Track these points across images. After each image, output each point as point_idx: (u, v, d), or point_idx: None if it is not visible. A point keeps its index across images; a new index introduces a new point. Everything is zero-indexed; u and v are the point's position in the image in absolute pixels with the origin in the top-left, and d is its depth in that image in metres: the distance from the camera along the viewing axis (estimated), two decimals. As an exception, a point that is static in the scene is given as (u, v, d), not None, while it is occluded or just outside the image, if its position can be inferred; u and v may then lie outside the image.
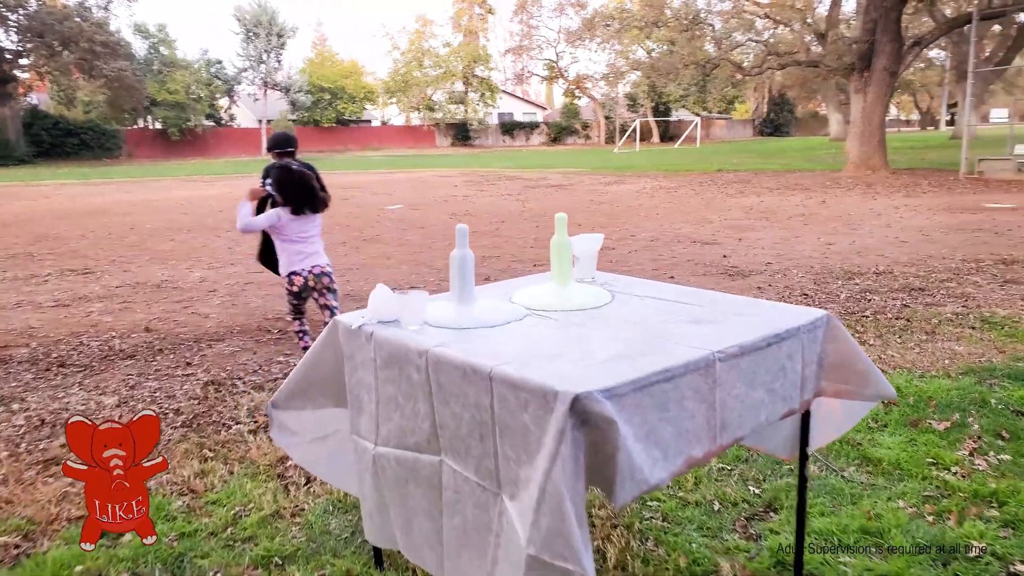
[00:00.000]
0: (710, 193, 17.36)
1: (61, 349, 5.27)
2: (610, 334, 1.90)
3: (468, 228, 2.20)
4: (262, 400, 4.04)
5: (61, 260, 9.48)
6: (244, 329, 5.76)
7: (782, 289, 6.53)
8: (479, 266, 8.24)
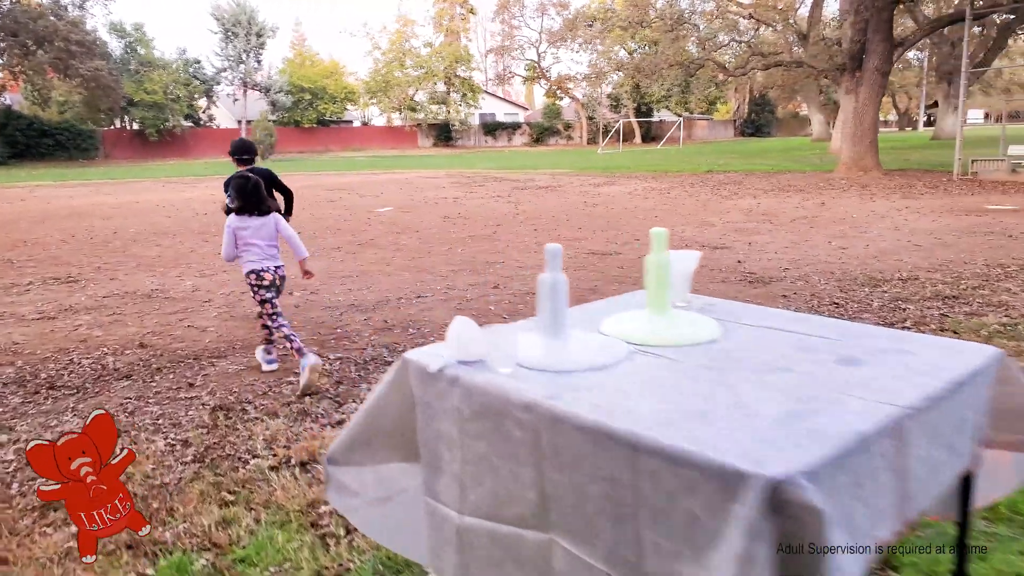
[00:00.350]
0: (704, 194, 17.14)
1: (50, 368, 4.86)
2: (755, 381, 1.58)
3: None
4: (278, 429, 3.68)
5: (43, 267, 9.01)
6: (246, 344, 5.38)
7: (808, 297, 6.27)
8: (483, 272, 7.91)
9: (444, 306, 6.41)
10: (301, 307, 6.54)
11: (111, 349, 5.31)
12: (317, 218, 14.04)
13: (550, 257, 1.82)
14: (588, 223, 12.34)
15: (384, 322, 5.89)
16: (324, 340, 5.42)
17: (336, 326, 5.83)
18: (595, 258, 8.73)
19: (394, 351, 5.06)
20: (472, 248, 9.84)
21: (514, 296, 6.75)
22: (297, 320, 6.06)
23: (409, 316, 6.08)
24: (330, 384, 4.41)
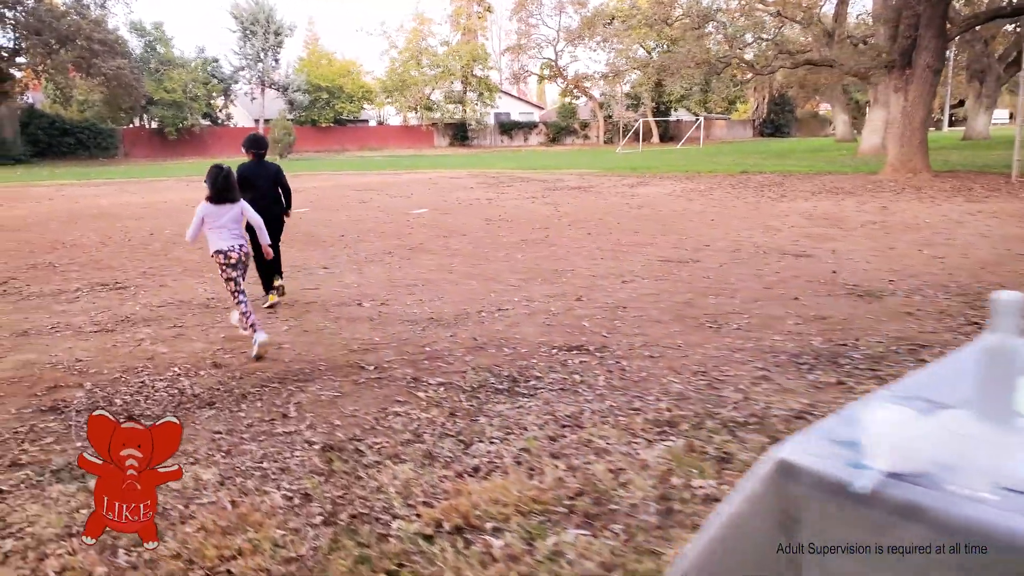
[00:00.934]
0: (749, 196, 16.56)
1: (122, 392, 4.37)
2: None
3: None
4: (408, 477, 3.16)
5: (86, 272, 8.55)
6: (331, 364, 4.88)
7: (938, 315, 5.71)
8: (556, 281, 7.38)
9: (530, 321, 5.89)
10: (377, 320, 6.03)
11: (183, 369, 4.81)
12: (355, 220, 13.56)
13: (1003, 313, 1.25)
14: (642, 227, 11.79)
15: (473, 340, 5.38)
16: (415, 360, 4.91)
17: (422, 344, 5.32)
18: (672, 267, 8.19)
19: (499, 376, 4.55)
20: (530, 254, 9.32)
21: (603, 310, 6.23)
22: (377, 335, 5.55)
23: (497, 333, 5.57)
24: (444, 417, 3.89)
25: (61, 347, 5.39)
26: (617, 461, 3.26)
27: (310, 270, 8.55)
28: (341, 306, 6.58)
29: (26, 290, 7.58)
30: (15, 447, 3.62)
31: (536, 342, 5.28)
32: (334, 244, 10.60)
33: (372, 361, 4.92)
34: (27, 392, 4.42)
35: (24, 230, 12.83)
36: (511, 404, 4.05)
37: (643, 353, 4.96)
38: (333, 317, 6.16)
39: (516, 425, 3.74)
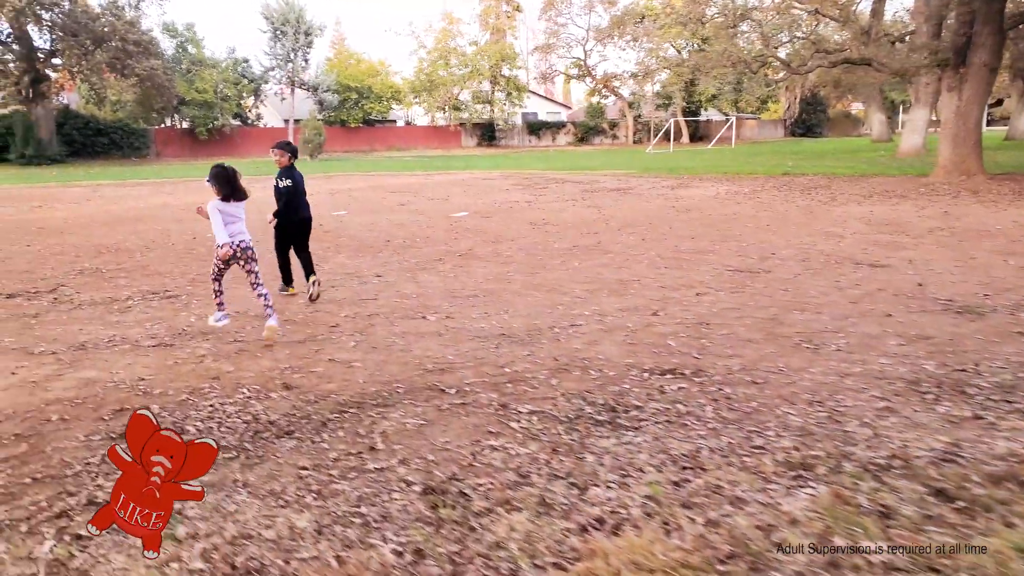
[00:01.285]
0: (798, 200, 16.06)
1: (193, 417, 4.09)
2: None
3: None
4: (528, 530, 2.83)
5: (135, 279, 8.34)
6: (409, 387, 4.56)
7: (1055, 335, 5.27)
8: (624, 293, 7.01)
9: (609, 339, 5.53)
10: (446, 335, 5.71)
11: (253, 391, 4.52)
12: (397, 224, 13.28)
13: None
14: (696, 232, 11.38)
15: (554, 360, 5.03)
16: (497, 383, 4.58)
17: (500, 363, 4.98)
18: (743, 278, 7.79)
19: (595, 404, 4.20)
20: (587, 262, 8.97)
21: (683, 326, 5.85)
22: (450, 352, 5.23)
23: (576, 352, 5.22)
24: (546, 454, 3.55)
25: (121, 363, 5.14)
26: (759, 513, 2.90)
27: (364, 278, 8.26)
28: (405, 319, 6.27)
29: (77, 298, 7.37)
30: (89, 482, 3.34)
31: (623, 364, 4.92)
32: (382, 250, 10.32)
33: (451, 383, 4.60)
34: (93, 415, 4.16)
35: (67, 233, 12.71)
36: (616, 439, 3.70)
37: (745, 378, 4.58)
38: (399, 332, 5.85)
39: (629, 465, 3.39)
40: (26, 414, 4.19)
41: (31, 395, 4.50)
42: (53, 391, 4.58)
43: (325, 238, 11.64)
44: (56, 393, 4.53)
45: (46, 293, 7.64)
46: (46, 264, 9.45)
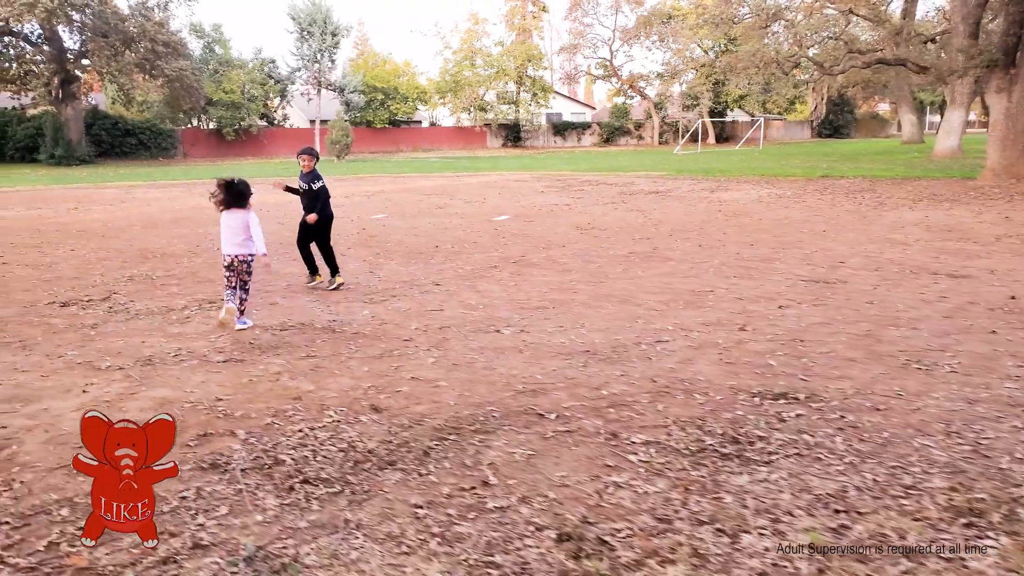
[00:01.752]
0: (845, 204, 15.65)
1: (284, 445, 3.83)
2: None
3: None
4: (694, 587, 2.53)
5: (187, 286, 8.14)
6: (503, 410, 4.28)
7: None
8: (703, 305, 6.70)
9: (703, 357, 5.23)
10: (526, 351, 5.43)
11: (340, 414, 4.26)
12: (441, 228, 13.03)
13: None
14: (754, 238, 11.04)
15: (652, 382, 4.74)
16: (598, 407, 4.29)
17: (594, 385, 4.70)
18: (820, 289, 7.45)
19: (713, 433, 3.91)
20: (651, 270, 8.66)
21: (777, 343, 5.53)
22: (537, 371, 4.95)
23: (672, 373, 4.92)
24: (677, 492, 3.26)
25: (193, 381, 4.90)
26: (945, 572, 2.59)
27: (422, 286, 8.01)
28: (478, 333, 6.00)
29: (132, 307, 7.17)
30: (190, 520, 3.09)
31: (726, 386, 4.62)
32: (433, 256, 10.07)
33: (548, 407, 4.32)
34: (176, 441, 3.90)
35: (109, 236, 12.58)
36: (750, 476, 3.39)
37: (863, 404, 4.26)
38: (477, 347, 5.58)
39: (775, 508, 3.09)
40: (106, 438, 3.95)
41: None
42: (128, 412, 4.35)
43: (371, 243, 11.42)
44: (132, 415, 4.30)
45: (99, 301, 7.46)
46: (94, 270, 9.29)
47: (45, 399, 4.56)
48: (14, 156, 39.45)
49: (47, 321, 6.63)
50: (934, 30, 37.97)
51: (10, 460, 3.69)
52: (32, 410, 4.36)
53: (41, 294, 7.85)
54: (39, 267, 9.55)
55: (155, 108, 44.88)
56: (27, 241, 12.03)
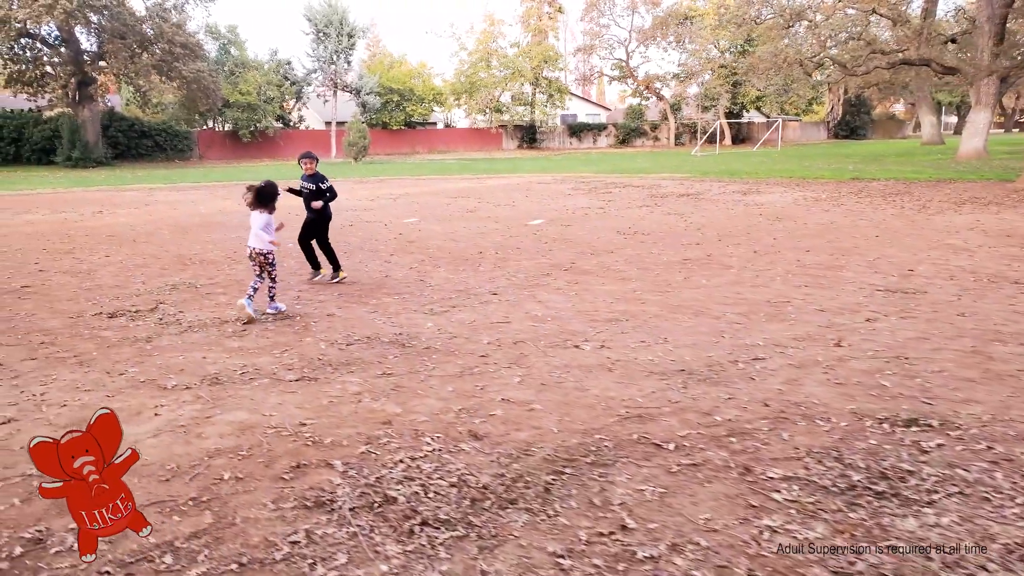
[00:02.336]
0: (887, 207, 15.26)
1: (388, 479, 3.52)
2: None
3: None
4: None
5: (233, 295, 7.85)
6: (614, 439, 3.95)
7: None
8: (783, 317, 6.36)
9: (808, 376, 4.89)
10: (616, 370, 5.10)
11: (438, 441, 3.94)
12: (479, 233, 12.71)
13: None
14: (809, 244, 10.68)
15: (764, 406, 4.40)
16: (716, 436, 3.96)
17: (703, 409, 4.36)
18: (900, 299, 7.09)
19: (855, 467, 3.56)
20: (715, 278, 8.32)
21: (881, 361, 5.19)
22: (637, 393, 4.62)
23: (782, 395, 4.58)
24: (844, 540, 2.92)
25: (270, 402, 4.59)
26: None
27: (479, 295, 7.69)
28: (556, 348, 5.68)
29: (183, 318, 6.88)
30: (308, 570, 2.77)
31: (846, 411, 4.28)
32: (479, 262, 9.76)
33: (661, 435, 3.99)
34: (268, 473, 3.60)
35: (139, 241, 12.33)
36: (917, 519, 3.05)
37: (1008, 433, 3.92)
38: (560, 365, 5.25)
39: (964, 562, 2.75)
40: (192, 470, 3.65)
41: (187, 444, 3.97)
42: (209, 438, 4.04)
43: (412, 248, 11.12)
44: (214, 441, 4.00)
45: (148, 312, 7.17)
46: (133, 278, 9.02)
47: (116, 423, 4.25)
48: (30, 158, 39.40)
49: (98, 334, 6.35)
50: (951, 30, 37.50)
51: (94, 495, 3.38)
52: (105, 436, 4.05)
53: (85, 304, 7.57)
54: (77, 274, 9.28)
55: (170, 110, 44.78)
56: (59, 247, 11.78)
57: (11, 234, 13.36)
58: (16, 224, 14.92)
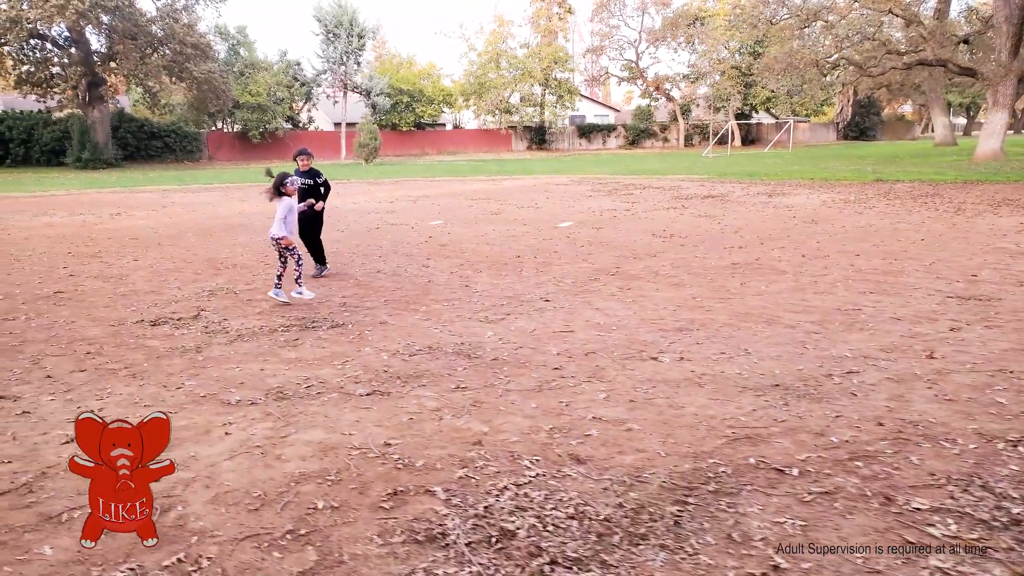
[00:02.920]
0: (921, 210, 14.95)
1: (495, 507, 3.22)
2: None
3: None
4: None
5: (276, 303, 7.55)
6: (729, 463, 3.66)
7: None
8: (864, 327, 6.06)
9: (914, 393, 4.59)
10: (705, 385, 4.81)
11: (537, 465, 3.66)
12: (511, 236, 12.43)
13: None
14: (856, 248, 10.38)
15: (879, 425, 4.11)
16: (839, 460, 3.66)
17: (814, 429, 4.06)
18: (976, 306, 6.80)
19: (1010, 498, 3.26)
20: (773, 284, 8.03)
21: (982, 375, 4.89)
22: (737, 412, 4.33)
23: (893, 413, 4.29)
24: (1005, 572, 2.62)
25: (346, 419, 4.31)
26: None
27: (532, 302, 7.40)
28: (632, 360, 5.38)
29: (229, 326, 6.60)
30: (440, 620, 2.47)
31: (969, 430, 3.98)
32: (520, 267, 9.48)
33: (780, 459, 3.69)
34: (365, 502, 3.32)
35: (165, 245, 12.06)
36: (1102, 558, 2.75)
37: None
38: (643, 379, 4.96)
39: None
40: (280, 497, 3.36)
41: (268, 467, 3.68)
42: (290, 461, 3.76)
43: (446, 252, 10.83)
44: (296, 464, 3.71)
45: (190, 320, 6.90)
46: (168, 283, 8.74)
47: (186, 442, 3.98)
48: (39, 160, 39.18)
49: (144, 344, 6.07)
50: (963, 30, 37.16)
51: (182, 527, 3.10)
52: (178, 456, 3.77)
53: (124, 311, 7.29)
54: (109, 279, 9.01)
55: (178, 111, 44.55)
56: (84, 250, 11.52)
57: (33, 236, 13.10)
58: (36, 227, 14.66)
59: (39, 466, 3.71)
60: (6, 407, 4.56)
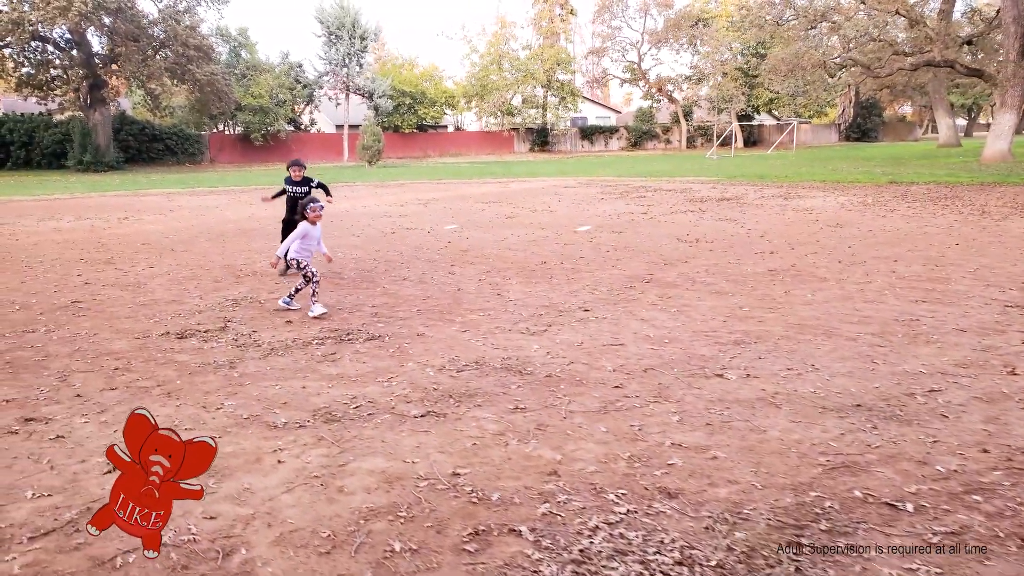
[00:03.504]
0: (945, 213, 14.70)
1: (592, 551, 2.93)
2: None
3: None
4: None
5: (304, 312, 7.25)
6: (834, 496, 3.36)
7: None
8: (928, 340, 5.77)
9: (1010, 415, 4.32)
10: (784, 406, 4.51)
11: (633, 503, 3.35)
12: (532, 241, 12.14)
13: None
14: (892, 253, 10.11)
15: (984, 452, 3.82)
16: (955, 494, 3.37)
17: (917, 459, 3.78)
18: (1042, 317, 6.51)
19: None
20: (820, 292, 7.75)
21: (1074, 392, 4.59)
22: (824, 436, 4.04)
23: (993, 438, 4.01)
24: None
25: (405, 445, 4.00)
26: None
27: (571, 312, 7.11)
28: (696, 377, 5.09)
29: (260, 340, 6.30)
30: None
31: (1082, 457, 3.68)
32: (549, 274, 9.19)
33: (888, 492, 3.40)
34: (445, 543, 3.01)
35: (179, 250, 11.75)
36: None
37: None
38: (712, 398, 4.66)
39: None
40: (352, 538, 3.06)
41: (332, 502, 3.38)
42: (355, 493, 3.46)
43: (469, 258, 10.53)
44: (361, 498, 3.41)
45: (218, 332, 6.59)
46: (188, 292, 8.44)
47: (238, 472, 3.68)
48: (41, 162, 38.85)
49: (173, 358, 5.76)
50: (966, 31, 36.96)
51: (249, 572, 2.79)
52: (232, 490, 3.47)
53: (147, 322, 6.99)
54: (127, 287, 8.71)
55: (179, 113, 44.21)
56: (96, 256, 11.21)
57: (42, 242, 12.79)
58: (44, 232, 14.35)
59: (83, 500, 3.41)
60: (38, 430, 4.25)
